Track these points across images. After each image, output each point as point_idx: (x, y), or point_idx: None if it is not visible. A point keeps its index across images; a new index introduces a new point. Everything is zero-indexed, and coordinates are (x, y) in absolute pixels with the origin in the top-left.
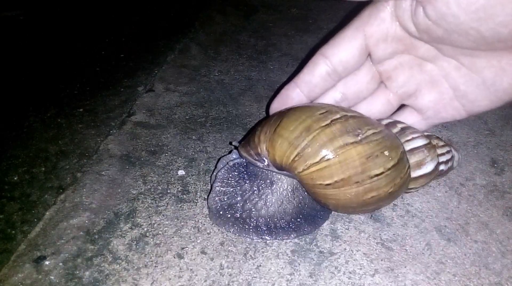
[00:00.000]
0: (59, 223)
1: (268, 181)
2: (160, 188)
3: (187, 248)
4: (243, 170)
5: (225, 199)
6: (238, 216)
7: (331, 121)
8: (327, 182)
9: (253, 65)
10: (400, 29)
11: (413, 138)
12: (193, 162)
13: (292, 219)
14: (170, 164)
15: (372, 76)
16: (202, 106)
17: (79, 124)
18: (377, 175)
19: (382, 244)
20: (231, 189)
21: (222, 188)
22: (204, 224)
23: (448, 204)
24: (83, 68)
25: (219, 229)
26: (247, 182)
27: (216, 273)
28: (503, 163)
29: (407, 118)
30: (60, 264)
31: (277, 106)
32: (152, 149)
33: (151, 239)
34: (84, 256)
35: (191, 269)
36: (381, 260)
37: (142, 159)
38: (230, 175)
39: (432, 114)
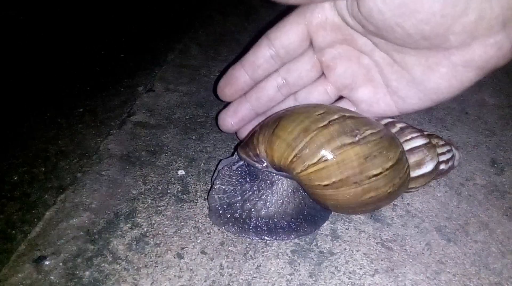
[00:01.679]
0: (59, 223)
1: (268, 181)
2: (160, 188)
3: (187, 248)
4: (244, 170)
5: (225, 198)
6: (238, 216)
7: (329, 122)
8: (326, 182)
9: None
10: (338, 18)
11: (412, 138)
12: (193, 162)
13: (292, 220)
14: (170, 164)
15: (313, 64)
16: (202, 106)
17: (79, 124)
18: (375, 175)
19: (382, 244)
20: (231, 188)
21: (222, 187)
22: (204, 224)
23: (448, 204)
24: (83, 68)
25: (219, 229)
26: (248, 182)
27: (216, 273)
28: (503, 163)
29: None
30: (60, 264)
31: (223, 84)
32: (152, 149)
33: (151, 239)
34: (84, 256)
35: (191, 269)
36: (381, 260)
37: (142, 159)
38: (231, 174)
39: (365, 108)
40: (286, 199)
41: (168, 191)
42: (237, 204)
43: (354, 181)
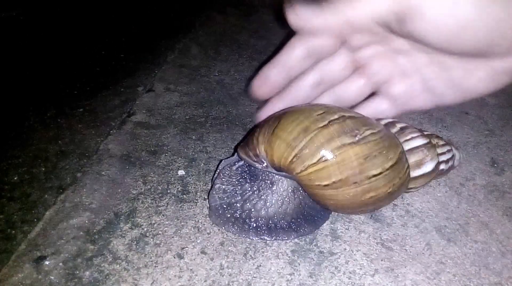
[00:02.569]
0: (59, 223)
1: (268, 181)
2: (160, 188)
3: (187, 248)
4: (244, 170)
5: (225, 198)
6: (238, 216)
7: (329, 122)
8: (325, 183)
9: (253, 65)
10: (380, 28)
11: (412, 138)
12: (193, 162)
13: (293, 220)
14: (170, 164)
15: (347, 62)
16: (202, 106)
17: (79, 124)
18: (375, 175)
19: (382, 244)
20: (231, 188)
21: (222, 186)
22: (204, 224)
23: (448, 204)
24: (83, 68)
25: (219, 229)
26: (248, 182)
27: (216, 273)
28: (503, 163)
29: (378, 105)
30: (60, 264)
31: (257, 84)
32: (152, 149)
33: (151, 239)
34: (84, 256)
35: (191, 269)
36: (381, 260)
37: (142, 159)
38: (232, 174)
39: (402, 103)
40: (286, 199)
41: (168, 191)
42: (237, 204)
43: (354, 181)
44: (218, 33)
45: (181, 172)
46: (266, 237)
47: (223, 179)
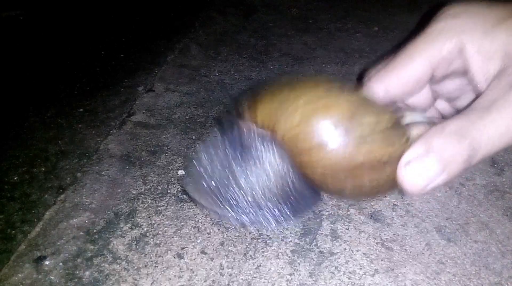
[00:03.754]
0: (59, 223)
1: (253, 150)
2: (160, 188)
3: (187, 248)
4: (231, 136)
5: (208, 167)
6: (214, 185)
7: (319, 82)
8: (313, 143)
9: (253, 65)
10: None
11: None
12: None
13: (274, 200)
14: (170, 164)
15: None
16: (202, 106)
17: (79, 124)
18: (368, 134)
19: (382, 244)
20: (216, 158)
21: (205, 149)
22: (204, 224)
23: (448, 204)
24: (83, 68)
25: (219, 229)
26: (232, 148)
27: (216, 273)
28: (503, 163)
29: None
30: (60, 264)
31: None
32: (152, 149)
33: (151, 239)
34: (84, 256)
35: (191, 269)
36: (381, 260)
37: (142, 159)
38: (217, 139)
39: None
40: (270, 173)
41: (168, 191)
42: (216, 171)
43: (344, 140)
44: (218, 33)
45: (181, 172)
46: (241, 217)
47: (208, 143)
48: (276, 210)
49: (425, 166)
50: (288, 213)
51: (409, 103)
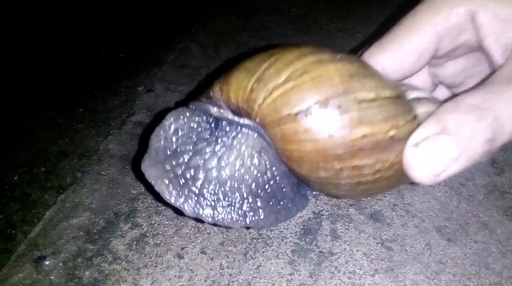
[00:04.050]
0: (59, 223)
1: (230, 133)
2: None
3: (187, 248)
4: (200, 115)
5: (173, 140)
6: (180, 172)
7: (305, 50)
8: (296, 109)
9: None
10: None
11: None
12: None
13: (250, 196)
14: None
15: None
16: None
17: (79, 124)
18: (367, 101)
19: (382, 244)
20: (185, 131)
21: (174, 125)
22: (204, 224)
23: (448, 204)
24: (83, 68)
25: (219, 229)
26: (207, 129)
27: (216, 273)
28: (503, 163)
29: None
30: (60, 264)
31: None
32: None
33: (151, 239)
34: (84, 256)
35: (191, 269)
36: (381, 260)
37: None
38: (192, 114)
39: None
40: (247, 162)
41: None
42: (185, 155)
43: (338, 105)
44: (218, 33)
45: None
46: (205, 213)
47: (178, 118)
48: (248, 205)
49: (438, 149)
50: (262, 214)
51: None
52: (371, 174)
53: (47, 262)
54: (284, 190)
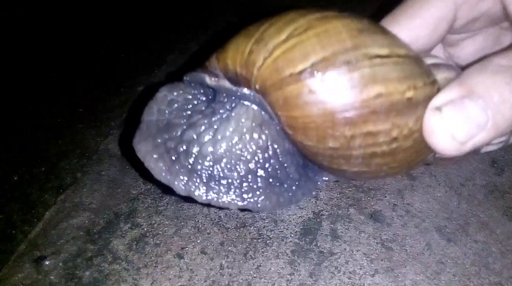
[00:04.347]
0: (59, 223)
1: (227, 105)
2: (160, 188)
3: (187, 248)
4: (205, 88)
5: (167, 113)
6: (172, 146)
7: (310, 10)
8: (300, 67)
9: None
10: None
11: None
12: None
13: (249, 175)
14: None
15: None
16: None
17: (79, 124)
18: (380, 56)
19: (382, 244)
20: (180, 104)
21: (168, 97)
22: (204, 224)
23: (448, 204)
24: (83, 68)
25: (219, 229)
26: (204, 101)
27: (216, 273)
28: (503, 163)
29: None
30: (60, 264)
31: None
32: None
33: (151, 239)
34: (84, 256)
35: (191, 269)
36: (381, 260)
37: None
38: (187, 86)
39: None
40: (245, 136)
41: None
42: (178, 129)
43: (346, 61)
44: (218, 33)
45: None
46: (197, 193)
47: (173, 88)
48: (244, 187)
49: (464, 114)
50: (261, 195)
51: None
52: (387, 143)
53: (47, 262)
54: (287, 170)
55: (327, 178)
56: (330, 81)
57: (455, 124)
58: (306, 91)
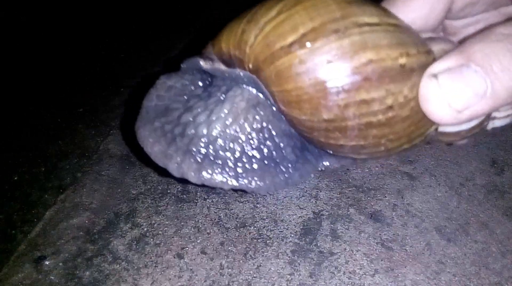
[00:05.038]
0: (59, 223)
1: (223, 87)
2: (160, 188)
3: (187, 248)
4: (202, 74)
5: (166, 99)
6: (169, 129)
7: None
8: (291, 39)
9: None
10: None
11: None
12: None
13: (243, 156)
14: None
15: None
16: None
17: (79, 124)
18: (369, 24)
19: (382, 244)
20: (178, 89)
21: (167, 84)
22: (204, 224)
23: (448, 204)
24: (83, 68)
25: (219, 229)
26: (201, 86)
27: (216, 273)
28: (503, 163)
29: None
30: (60, 264)
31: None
32: None
33: (151, 239)
34: (84, 256)
35: (191, 269)
36: (381, 260)
37: (142, 159)
38: (184, 72)
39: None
40: (240, 117)
41: (168, 191)
42: (176, 112)
43: (335, 29)
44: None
45: None
46: (190, 171)
47: (171, 76)
48: (239, 168)
49: (462, 81)
50: (256, 175)
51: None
52: (383, 112)
53: (47, 262)
54: (283, 151)
55: (327, 163)
56: (319, 50)
57: (451, 92)
58: (297, 62)
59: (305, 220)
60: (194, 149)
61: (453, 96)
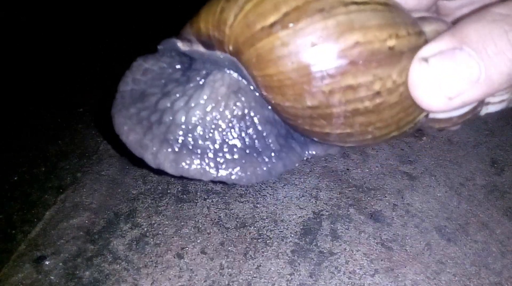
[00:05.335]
0: (59, 223)
1: (202, 71)
2: (160, 188)
3: (187, 248)
4: (180, 56)
5: (142, 83)
6: (146, 116)
7: None
8: (272, 19)
9: None
10: None
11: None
12: None
13: (224, 145)
14: None
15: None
16: None
17: (79, 124)
18: (356, 3)
19: (382, 244)
20: (155, 73)
21: (143, 66)
22: (204, 224)
23: (448, 204)
24: (83, 68)
25: (219, 229)
26: (179, 70)
27: (216, 273)
28: (503, 163)
29: None
30: (60, 264)
31: None
32: None
33: (151, 239)
34: (84, 256)
35: (191, 269)
36: (381, 260)
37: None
38: (162, 55)
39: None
40: (221, 103)
41: (168, 191)
42: (153, 98)
43: (319, 8)
44: None
45: None
46: (167, 162)
47: (148, 58)
48: (219, 157)
49: (454, 65)
50: (238, 165)
51: None
52: (370, 99)
53: (47, 262)
54: (266, 140)
55: (313, 152)
56: (302, 31)
57: (442, 77)
58: (279, 44)
59: (305, 220)
60: (172, 138)
61: (443, 81)
